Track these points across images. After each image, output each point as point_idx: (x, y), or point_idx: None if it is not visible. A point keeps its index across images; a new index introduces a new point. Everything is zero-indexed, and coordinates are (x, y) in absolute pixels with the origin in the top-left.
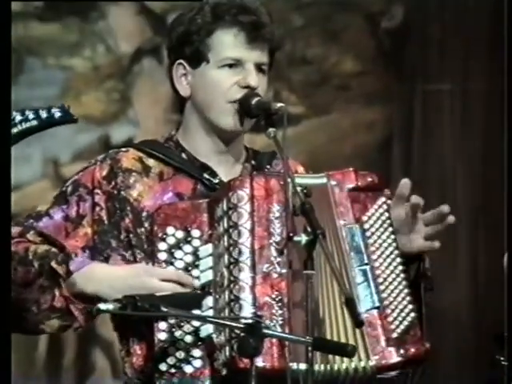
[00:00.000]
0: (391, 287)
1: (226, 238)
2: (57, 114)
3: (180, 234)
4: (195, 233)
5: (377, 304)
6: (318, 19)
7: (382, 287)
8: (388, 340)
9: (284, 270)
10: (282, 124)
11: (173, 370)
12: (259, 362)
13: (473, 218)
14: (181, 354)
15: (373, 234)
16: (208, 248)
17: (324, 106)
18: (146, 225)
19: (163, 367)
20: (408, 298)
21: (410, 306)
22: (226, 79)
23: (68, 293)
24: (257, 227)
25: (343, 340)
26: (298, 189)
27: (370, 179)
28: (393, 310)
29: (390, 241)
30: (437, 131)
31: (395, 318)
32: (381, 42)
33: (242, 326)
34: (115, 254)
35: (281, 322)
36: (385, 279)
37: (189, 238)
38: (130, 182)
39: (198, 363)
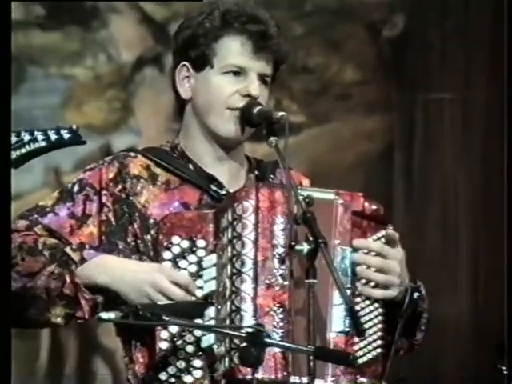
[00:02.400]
0: (366, 318)
1: (229, 249)
2: (66, 135)
3: (185, 244)
4: (200, 243)
5: (347, 329)
6: (319, 28)
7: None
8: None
9: (286, 282)
10: (283, 133)
11: (172, 380)
12: (259, 373)
13: (474, 236)
14: (181, 364)
15: None
16: (212, 258)
17: (325, 115)
18: (152, 232)
19: (163, 376)
20: (379, 333)
21: (379, 342)
22: (228, 86)
23: (79, 280)
24: (260, 239)
25: None
26: (300, 198)
27: (375, 207)
28: (361, 340)
29: None
30: (437, 140)
31: (361, 349)
32: (382, 51)
33: (243, 334)
34: (122, 256)
35: (282, 334)
36: (362, 308)
37: (194, 248)
38: (138, 189)
39: (198, 373)
